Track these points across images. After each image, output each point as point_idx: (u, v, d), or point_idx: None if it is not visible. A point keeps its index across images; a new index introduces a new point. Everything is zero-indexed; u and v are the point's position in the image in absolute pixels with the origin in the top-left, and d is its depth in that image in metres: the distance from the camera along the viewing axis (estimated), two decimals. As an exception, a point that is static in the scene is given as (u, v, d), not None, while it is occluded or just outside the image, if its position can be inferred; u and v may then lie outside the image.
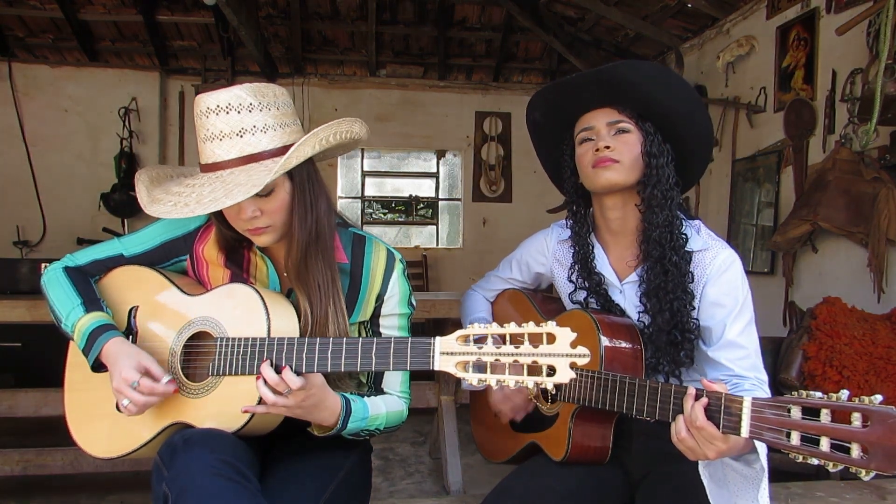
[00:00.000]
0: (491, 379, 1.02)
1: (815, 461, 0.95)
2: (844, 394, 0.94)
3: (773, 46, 4.20)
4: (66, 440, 1.36)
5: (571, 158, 1.47)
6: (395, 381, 1.41)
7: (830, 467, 0.93)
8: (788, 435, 0.97)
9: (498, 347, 1.02)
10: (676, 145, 1.41)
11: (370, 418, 1.30)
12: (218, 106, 1.20)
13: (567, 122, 1.47)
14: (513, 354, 1.01)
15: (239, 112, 1.20)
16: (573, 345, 1.00)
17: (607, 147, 1.36)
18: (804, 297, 3.56)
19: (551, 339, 1.00)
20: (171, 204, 1.20)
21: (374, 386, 1.42)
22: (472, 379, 1.02)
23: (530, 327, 1.01)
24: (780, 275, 4.05)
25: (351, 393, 1.33)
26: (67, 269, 1.39)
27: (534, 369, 1.02)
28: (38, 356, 3.18)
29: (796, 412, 0.98)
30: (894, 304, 2.85)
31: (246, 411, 1.17)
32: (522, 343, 1.01)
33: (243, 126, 1.20)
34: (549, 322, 1.02)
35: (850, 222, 3.31)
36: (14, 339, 3.76)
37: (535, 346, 1.01)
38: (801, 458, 0.96)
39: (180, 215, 1.18)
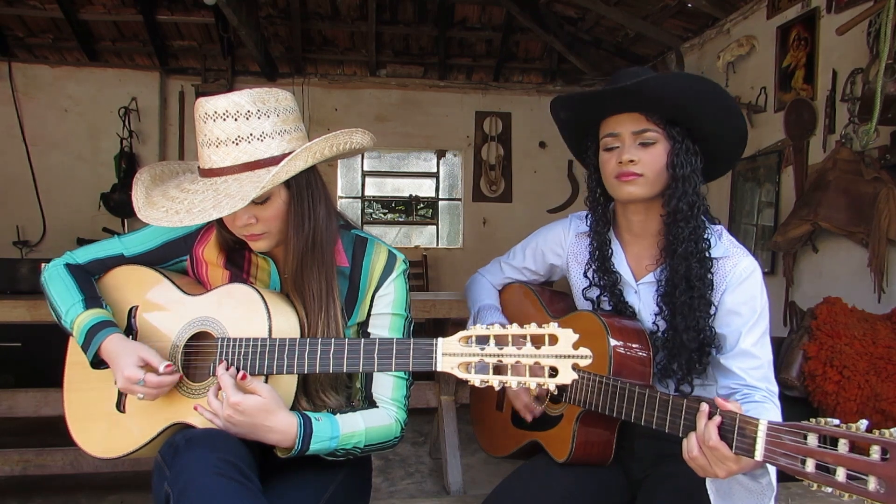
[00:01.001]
0: (493, 380, 1.02)
1: (829, 490, 0.93)
2: (863, 424, 0.91)
3: (774, 46, 4.20)
4: (66, 440, 1.36)
5: (595, 156, 1.43)
6: (385, 387, 1.35)
7: (846, 497, 0.91)
8: (803, 462, 0.96)
9: (500, 348, 1.02)
10: (706, 144, 1.37)
11: (342, 437, 1.24)
12: (216, 112, 1.18)
13: (593, 121, 1.42)
14: (515, 355, 1.01)
15: (236, 119, 1.18)
16: (576, 346, 1.00)
17: (631, 160, 1.32)
18: (804, 297, 3.56)
19: (553, 340, 1.00)
20: (164, 210, 1.20)
21: (365, 391, 1.38)
22: (474, 380, 1.02)
23: (532, 328, 1.01)
24: (780, 275, 4.05)
25: (329, 409, 1.30)
26: (69, 266, 1.39)
27: (536, 370, 1.02)
28: (38, 356, 3.18)
29: (813, 439, 0.96)
30: (894, 304, 2.85)
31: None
32: (525, 344, 1.02)
33: (240, 134, 1.18)
34: (552, 323, 1.02)
35: (851, 222, 3.31)
36: (14, 338, 3.76)
37: (538, 347, 1.01)
38: (815, 486, 0.94)
39: (170, 224, 1.17)
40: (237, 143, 1.18)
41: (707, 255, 1.34)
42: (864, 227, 3.25)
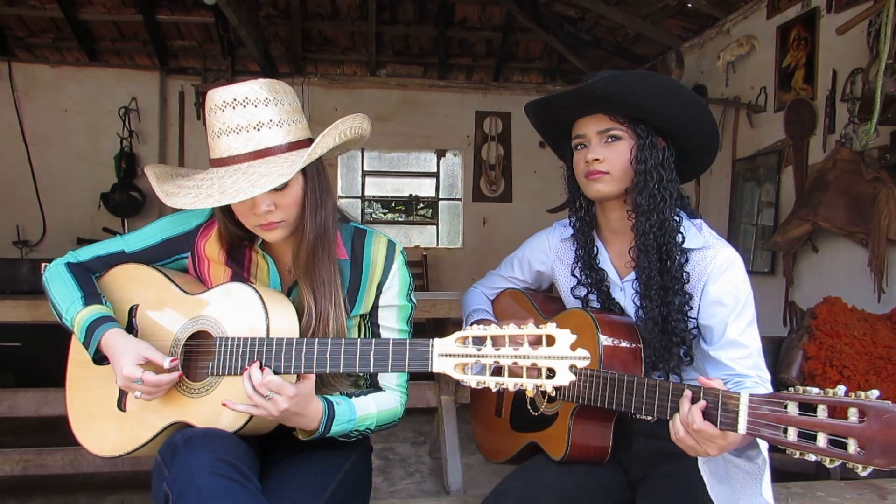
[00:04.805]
0: (490, 381, 1.01)
1: (812, 457, 0.94)
2: (841, 389, 0.93)
3: (774, 46, 4.20)
4: (66, 440, 1.36)
5: (571, 159, 1.47)
6: (391, 374, 1.41)
7: (827, 462, 0.93)
8: (785, 431, 0.97)
9: (497, 349, 1.02)
10: (677, 139, 1.40)
11: (358, 419, 1.29)
12: (234, 99, 1.20)
13: (565, 126, 1.47)
14: (512, 356, 1.01)
15: (255, 106, 1.20)
16: (573, 347, 0.99)
17: (596, 159, 1.37)
18: (804, 297, 3.56)
19: (551, 340, 1.00)
20: (192, 196, 1.19)
21: (371, 379, 1.42)
22: (470, 381, 1.02)
23: (530, 329, 1.01)
24: (780, 275, 4.05)
25: (341, 393, 1.33)
26: (69, 265, 1.39)
27: (533, 371, 1.01)
28: (38, 356, 3.19)
29: (793, 408, 0.98)
30: (894, 304, 2.85)
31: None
32: (522, 345, 1.01)
33: (260, 120, 1.20)
34: (550, 323, 1.01)
35: (851, 222, 3.31)
36: (14, 338, 3.76)
37: (535, 349, 1.00)
38: (798, 454, 0.96)
39: (203, 205, 1.17)
40: (258, 129, 1.20)
41: (675, 247, 1.35)
42: (863, 226, 3.25)
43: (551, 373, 1.00)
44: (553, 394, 1.43)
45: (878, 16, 3.09)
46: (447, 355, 1.06)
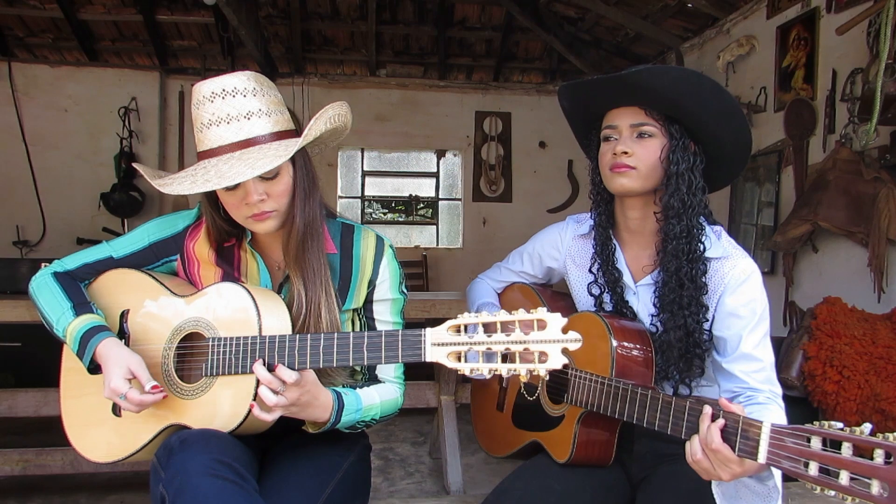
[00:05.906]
0: (483, 368, 1.02)
1: (832, 493, 0.93)
2: (867, 427, 0.91)
3: (774, 46, 4.20)
4: (66, 440, 1.36)
5: (597, 150, 1.43)
6: (388, 367, 1.43)
7: (848, 501, 0.91)
8: (806, 465, 0.96)
9: (489, 336, 1.02)
10: (709, 146, 1.36)
11: (364, 409, 1.31)
12: (223, 90, 1.21)
13: (596, 113, 1.42)
14: (504, 342, 1.01)
15: (245, 96, 1.21)
16: (564, 330, 0.99)
17: (625, 152, 1.32)
18: (804, 297, 3.55)
19: (542, 325, 1.00)
20: (189, 182, 1.19)
21: (368, 372, 1.42)
22: (464, 368, 1.02)
23: (521, 314, 1.01)
24: (780, 275, 4.05)
25: (343, 385, 1.34)
26: (56, 274, 1.38)
27: (526, 356, 1.02)
28: (38, 356, 3.18)
29: (816, 442, 0.95)
30: (894, 304, 2.85)
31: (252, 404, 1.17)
32: (514, 330, 1.01)
33: (249, 109, 1.21)
34: (540, 308, 1.01)
35: (851, 222, 3.31)
36: (14, 338, 3.76)
37: (526, 333, 1.01)
38: (818, 490, 0.94)
39: (201, 190, 1.17)
40: (248, 118, 1.21)
41: (699, 255, 1.33)
42: (863, 226, 3.24)
43: (544, 357, 1.00)
44: (546, 377, 1.43)
45: (878, 16, 3.09)
46: (440, 344, 1.06)
